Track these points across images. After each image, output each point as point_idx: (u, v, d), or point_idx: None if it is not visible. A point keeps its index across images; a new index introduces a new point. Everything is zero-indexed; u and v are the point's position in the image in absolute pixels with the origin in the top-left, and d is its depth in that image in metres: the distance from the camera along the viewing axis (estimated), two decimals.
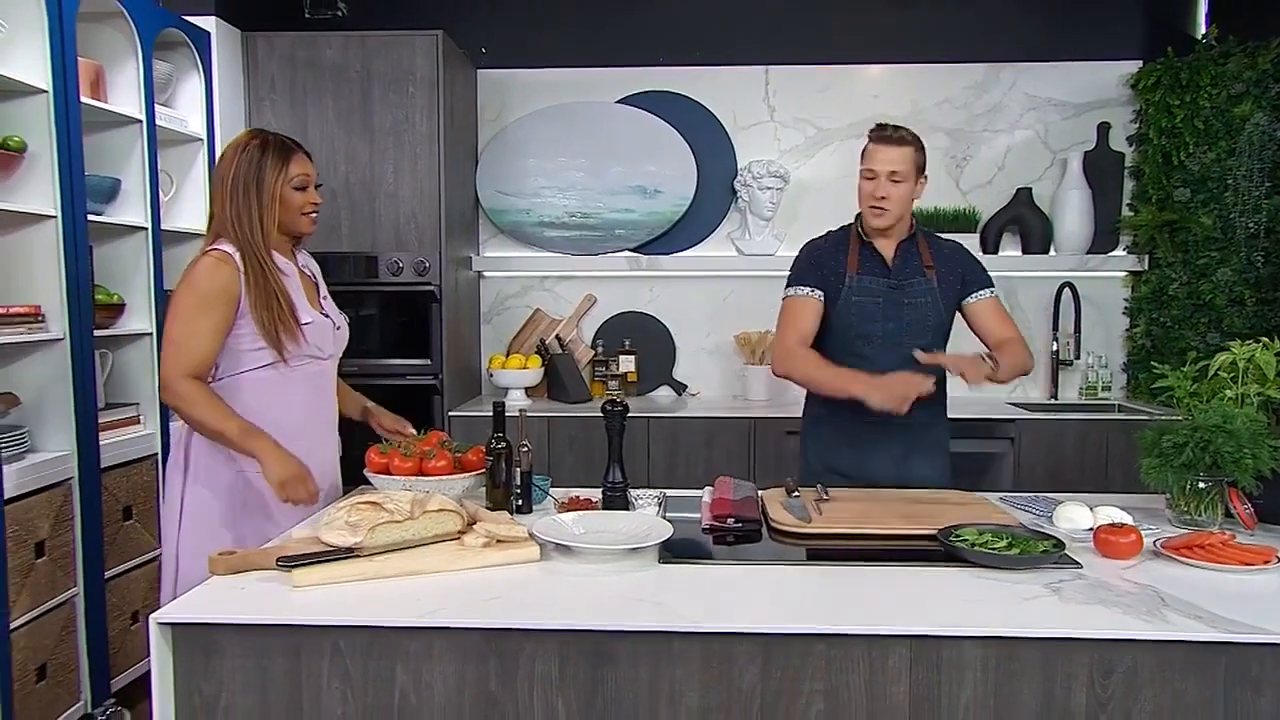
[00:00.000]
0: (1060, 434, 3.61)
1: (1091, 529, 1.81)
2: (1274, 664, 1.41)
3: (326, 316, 2.19)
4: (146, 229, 2.99)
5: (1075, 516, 1.87)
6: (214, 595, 1.57)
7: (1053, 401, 4.07)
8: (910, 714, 1.42)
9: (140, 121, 2.95)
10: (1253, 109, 3.70)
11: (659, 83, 4.14)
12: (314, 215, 2.17)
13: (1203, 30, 4.02)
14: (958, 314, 2.42)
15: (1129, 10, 4.05)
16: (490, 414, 3.81)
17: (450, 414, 3.76)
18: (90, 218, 2.72)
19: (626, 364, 4.12)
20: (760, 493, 2.13)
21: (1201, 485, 1.89)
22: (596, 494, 2.14)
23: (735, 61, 4.11)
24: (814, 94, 4.11)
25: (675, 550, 1.77)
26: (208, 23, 3.34)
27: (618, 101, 4.15)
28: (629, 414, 2.08)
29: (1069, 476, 3.53)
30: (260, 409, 2.05)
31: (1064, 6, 4.03)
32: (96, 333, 2.74)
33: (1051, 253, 4.03)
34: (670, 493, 2.16)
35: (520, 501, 2.08)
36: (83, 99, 2.66)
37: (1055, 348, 4.08)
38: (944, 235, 2.54)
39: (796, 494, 2.05)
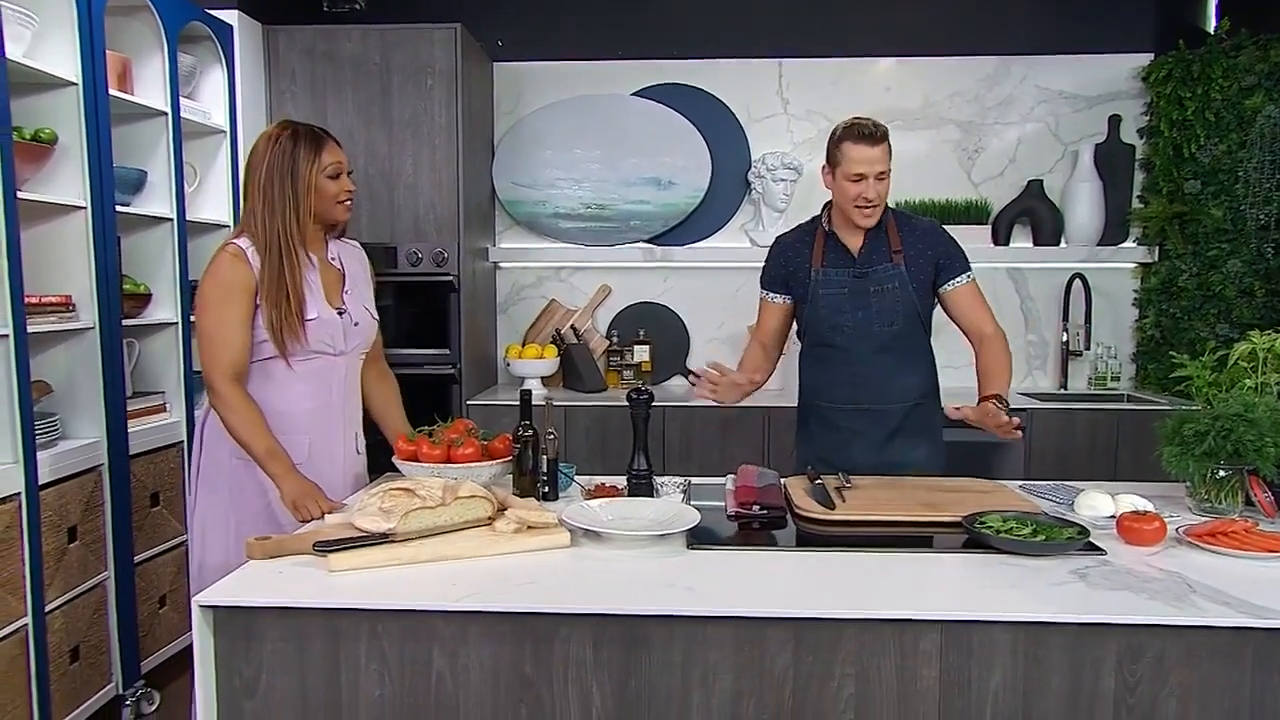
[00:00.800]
0: (1070, 423, 3.61)
1: (1114, 516, 1.81)
2: None
3: (342, 312, 2.12)
4: (172, 220, 2.99)
5: (1097, 504, 1.87)
6: (253, 579, 1.57)
7: (1062, 391, 4.06)
8: (940, 697, 1.42)
9: (166, 114, 2.95)
10: (1264, 101, 3.67)
11: (673, 76, 4.13)
12: (349, 203, 2.14)
13: (1214, 23, 3.99)
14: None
15: (1140, 3, 4.02)
16: (507, 403, 3.85)
17: (469, 403, 3.77)
18: (118, 209, 2.72)
19: (641, 354, 4.12)
20: (783, 480, 2.13)
21: (1222, 473, 1.89)
22: (620, 481, 2.14)
23: (749, 54, 4.09)
24: (826, 87, 4.09)
25: (702, 536, 1.77)
26: (230, 16, 3.33)
27: (633, 94, 4.13)
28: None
29: (1079, 465, 3.52)
30: (263, 399, 2.03)
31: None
32: (124, 322, 2.75)
33: (1062, 244, 4.01)
34: (695, 480, 2.16)
35: (547, 489, 2.08)
36: (111, 91, 2.66)
37: (1065, 338, 4.07)
38: (923, 217, 2.46)
39: (819, 481, 2.05)
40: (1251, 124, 3.70)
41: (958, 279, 2.33)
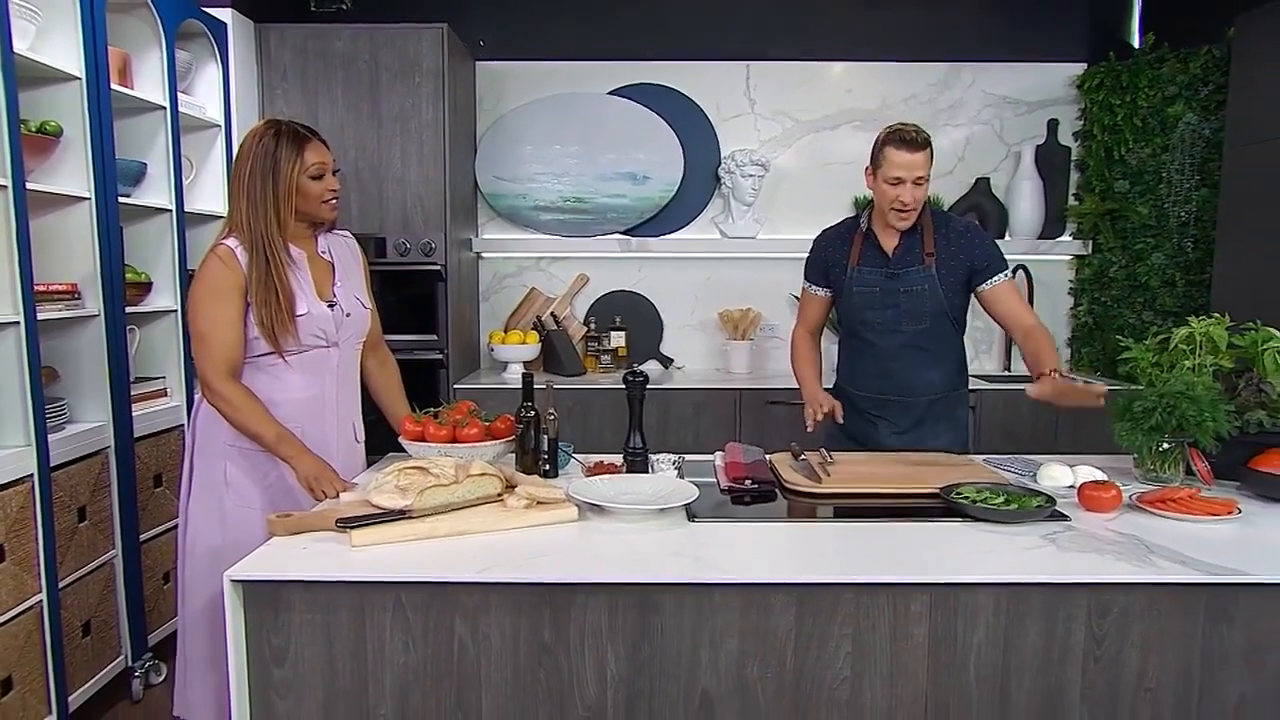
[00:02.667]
0: (1014, 402, 3.68)
1: (1073, 486, 1.86)
2: (1246, 601, 1.47)
3: (333, 305, 2.04)
4: (171, 211, 2.91)
5: (1057, 475, 1.92)
6: (278, 555, 1.55)
7: (1006, 373, 4.16)
8: (929, 653, 1.45)
9: (164, 108, 2.86)
10: (1184, 110, 3.77)
11: (648, 76, 4.11)
12: (334, 202, 2.04)
13: (1139, 38, 4.09)
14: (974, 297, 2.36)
15: (1075, 17, 4.10)
16: (492, 386, 3.82)
17: (455, 386, 3.73)
18: (119, 200, 2.63)
19: (617, 339, 4.11)
20: (768, 457, 2.15)
21: (1166, 446, 1.95)
22: (616, 459, 2.14)
23: (719, 57, 4.09)
24: (791, 88, 4.11)
25: (699, 510, 1.78)
26: (224, 14, 3.24)
27: (609, 93, 4.11)
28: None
29: (1023, 440, 3.61)
30: (256, 391, 1.96)
31: (1017, 12, 4.07)
32: (127, 309, 2.67)
33: (1007, 238, 4.09)
34: (687, 457, 2.17)
35: (547, 466, 2.08)
36: (112, 86, 2.57)
37: None
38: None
39: (803, 457, 2.08)
40: (1173, 130, 3.80)
41: (995, 279, 2.28)
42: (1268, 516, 1.77)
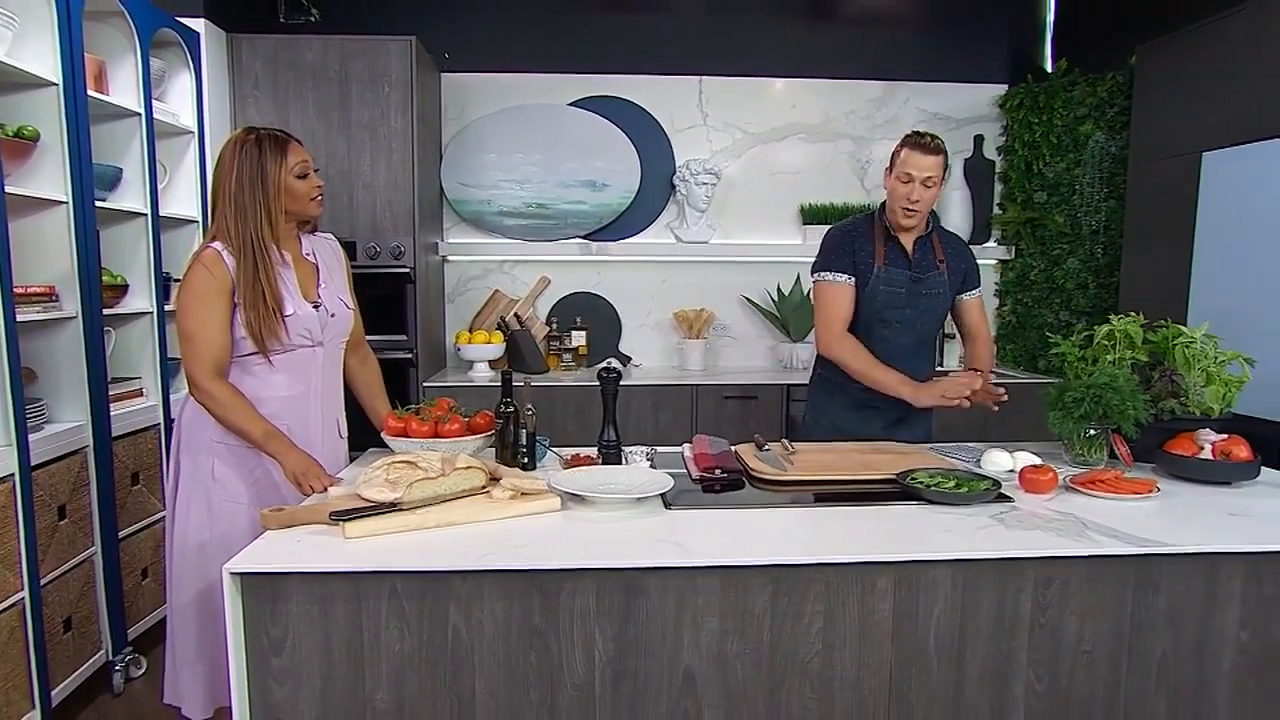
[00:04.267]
0: None
1: (1013, 470, 1.93)
2: (1169, 570, 1.54)
3: (318, 306, 2.01)
4: (146, 215, 2.81)
5: (999, 460, 1.98)
6: (274, 548, 1.51)
7: (939, 369, 4.23)
8: (893, 627, 1.49)
9: (139, 114, 2.76)
10: (1094, 129, 3.93)
11: (606, 89, 4.11)
12: (320, 198, 2.01)
13: (1051, 63, 4.24)
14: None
15: (998, 43, 4.24)
16: (458, 384, 3.78)
17: (424, 384, 3.68)
18: (96, 204, 2.53)
19: (578, 339, 4.10)
20: (734, 447, 2.17)
21: (1093, 432, 2.03)
22: (591, 451, 2.14)
23: (673, 72, 4.11)
24: (741, 102, 4.15)
25: (674, 499, 1.79)
26: (197, 24, 3.14)
27: (569, 104, 4.09)
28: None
29: (954, 430, 3.68)
30: (243, 390, 1.91)
31: (946, 36, 4.18)
32: (103, 311, 2.57)
33: None
34: (659, 449, 2.18)
35: (526, 459, 2.07)
36: (89, 92, 2.47)
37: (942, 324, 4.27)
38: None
39: (767, 448, 2.10)
40: (1084, 147, 3.95)
41: (973, 291, 2.42)
42: (1182, 494, 1.86)
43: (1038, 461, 1.93)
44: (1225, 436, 1.96)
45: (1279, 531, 1.61)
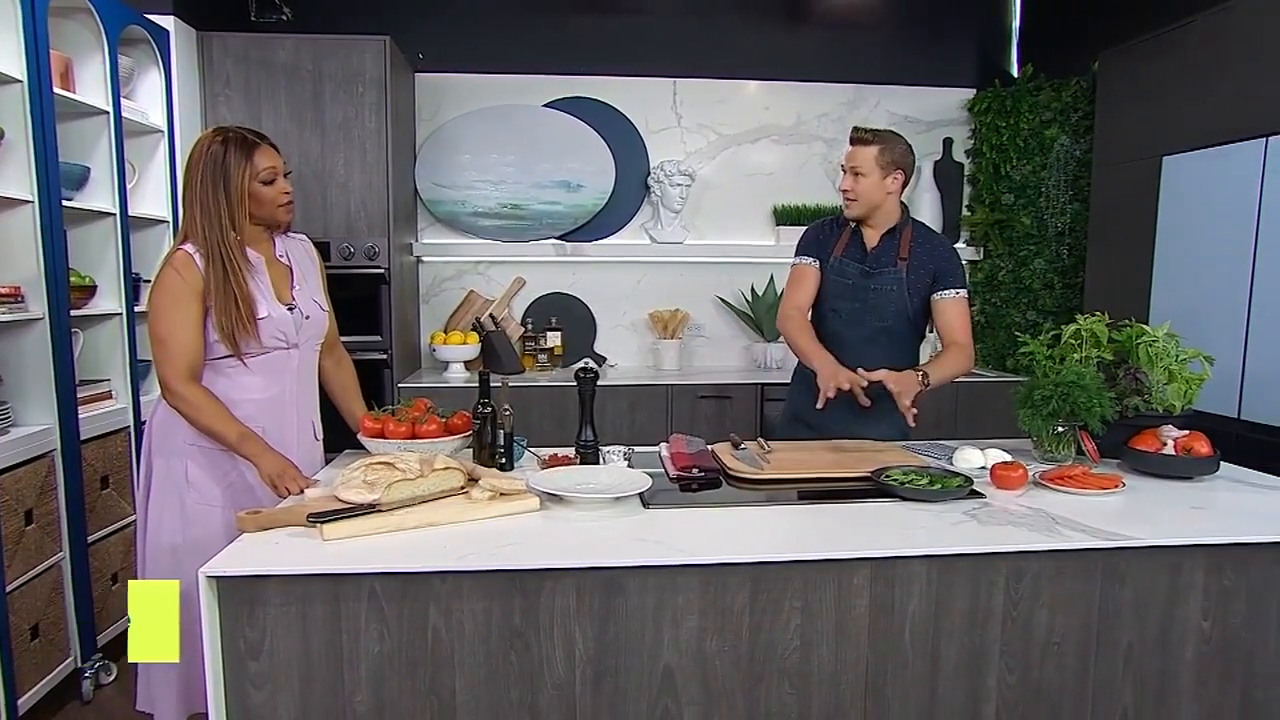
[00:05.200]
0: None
1: (984, 467, 1.95)
2: (1134, 562, 1.57)
3: (292, 308, 1.97)
4: (114, 214, 2.75)
5: (971, 457, 2.01)
6: (251, 550, 1.49)
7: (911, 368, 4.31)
8: (870, 622, 1.50)
9: (107, 113, 2.70)
10: (1059, 133, 4.00)
11: (580, 90, 4.10)
12: (288, 205, 1.96)
13: (1017, 67, 4.31)
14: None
15: (966, 48, 4.30)
16: (433, 385, 3.76)
17: (399, 385, 3.65)
18: (63, 203, 2.48)
19: (553, 339, 4.10)
20: (710, 447, 2.18)
21: (1061, 429, 2.06)
22: (566, 451, 2.14)
23: (647, 74, 4.12)
24: (714, 104, 4.17)
25: (652, 498, 1.79)
26: (167, 21, 3.08)
27: (544, 105, 4.08)
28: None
29: (925, 427, 3.73)
30: (218, 393, 1.88)
31: (917, 41, 4.23)
32: (71, 313, 2.51)
33: None
34: (637, 449, 2.18)
35: (504, 459, 2.06)
36: (54, 89, 2.42)
37: None
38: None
39: (743, 447, 2.11)
40: (1050, 150, 4.03)
41: (947, 292, 2.33)
42: (1146, 489, 1.90)
43: (1008, 458, 1.96)
44: (1187, 433, 2.00)
45: (1238, 524, 1.65)
